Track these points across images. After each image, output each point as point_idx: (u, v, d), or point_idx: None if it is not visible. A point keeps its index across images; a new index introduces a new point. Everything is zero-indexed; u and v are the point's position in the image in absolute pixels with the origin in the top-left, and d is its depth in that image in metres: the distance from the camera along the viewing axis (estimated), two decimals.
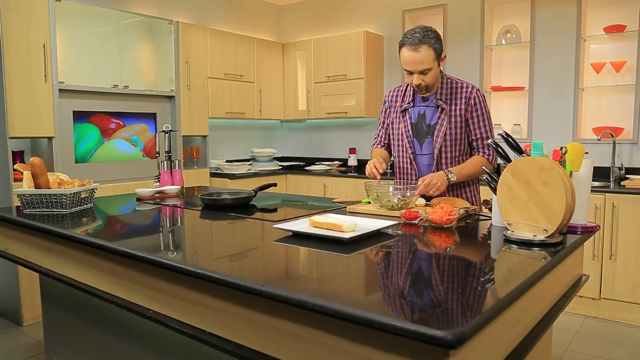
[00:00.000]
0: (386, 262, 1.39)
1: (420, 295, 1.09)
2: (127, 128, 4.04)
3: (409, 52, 2.16)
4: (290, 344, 1.12)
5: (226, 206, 2.27)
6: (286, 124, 5.98)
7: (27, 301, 3.41)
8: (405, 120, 2.38)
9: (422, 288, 1.15)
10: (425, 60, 2.15)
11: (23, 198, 2.21)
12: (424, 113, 2.34)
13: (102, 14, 3.79)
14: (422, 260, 1.43)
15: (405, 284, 1.19)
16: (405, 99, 2.41)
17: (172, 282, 1.40)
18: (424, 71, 2.18)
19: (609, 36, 3.87)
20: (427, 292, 1.12)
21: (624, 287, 3.38)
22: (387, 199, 1.99)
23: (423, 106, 2.35)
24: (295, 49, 5.38)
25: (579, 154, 1.58)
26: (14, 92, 3.28)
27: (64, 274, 1.86)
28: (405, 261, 1.40)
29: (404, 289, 1.14)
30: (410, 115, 2.38)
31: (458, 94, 2.30)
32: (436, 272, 1.29)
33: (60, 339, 2.40)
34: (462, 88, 2.31)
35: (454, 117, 2.29)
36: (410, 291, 1.13)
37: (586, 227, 1.66)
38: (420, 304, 1.04)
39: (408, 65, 2.19)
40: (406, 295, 1.10)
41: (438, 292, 1.12)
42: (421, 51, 2.14)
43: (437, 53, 2.17)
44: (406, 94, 2.41)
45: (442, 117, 2.30)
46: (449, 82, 2.33)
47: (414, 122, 2.37)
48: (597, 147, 3.95)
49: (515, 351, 1.16)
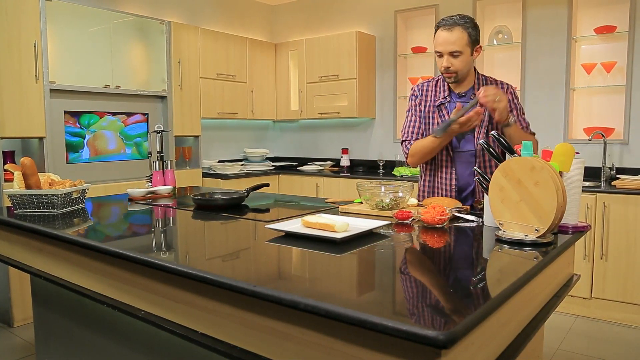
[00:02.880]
0: (378, 262, 1.40)
1: (412, 295, 1.09)
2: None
3: (442, 32, 2.13)
4: (283, 344, 1.12)
5: (218, 206, 2.27)
6: (279, 124, 5.97)
7: (17, 302, 3.38)
8: (443, 115, 2.28)
9: (414, 288, 1.15)
10: (457, 41, 2.10)
11: (14, 198, 2.19)
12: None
13: (93, 13, 3.76)
14: (414, 260, 1.43)
15: (397, 283, 1.19)
16: (438, 94, 2.32)
17: (164, 282, 1.39)
18: (455, 53, 2.12)
19: (599, 37, 3.90)
20: (419, 291, 1.13)
21: (615, 286, 3.41)
22: (380, 199, 2.00)
23: (461, 102, 2.27)
24: (288, 49, 5.38)
25: (568, 155, 1.59)
26: (5, 92, 3.25)
27: (55, 274, 1.85)
28: (397, 261, 1.40)
29: (395, 289, 1.14)
30: (447, 110, 2.28)
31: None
32: (428, 272, 1.29)
33: (51, 340, 2.38)
34: (498, 85, 2.27)
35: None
36: (402, 291, 1.13)
37: (577, 227, 1.67)
38: (412, 304, 1.04)
39: (440, 45, 2.14)
40: (398, 295, 1.10)
41: (430, 291, 1.13)
42: (454, 32, 2.10)
43: (471, 39, 2.13)
44: (438, 88, 2.33)
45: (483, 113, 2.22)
46: (484, 79, 2.29)
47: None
48: (588, 147, 3.98)
49: (507, 350, 1.17)
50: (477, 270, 1.33)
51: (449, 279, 1.23)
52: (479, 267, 1.36)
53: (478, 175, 1.72)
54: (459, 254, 1.50)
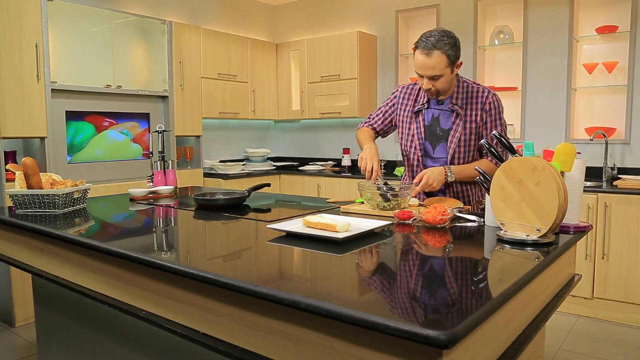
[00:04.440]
0: (379, 262, 1.40)
1: (413, 295, 1.09)
2: (119, 125, 4.03)
3: (421, 55, 2.10)
4: (284, 344, 1.12)
5: (220, 206, 2.27)
6: (280, 124, 5.97)
7: (19, 302, 3.39)
8: (418, 121, 2.31)
9: (415, 288, 1.15)
10: (436, 66, 2.08)
11: (15, 198, 2.19)
12: (438, 116, 2.28)
13: (94, 13, 3.77)
14: (415, 260, 1.43)
15: (398, 284, 1.19)
16: (419, 100, 2.33)
17: (166, 282, 1.39)
18: (435, 77, 2.11)
19: (601, 37, 3.89)
20: (420, 291, 1.13)
21: (617, 286, 3.40)
22: (380, 199, 2.00)
23: (438, 109, 2.28)
24: (289, 49, 5.38)
25: (569, 155, 1.59)
26: (6, 92, 3.26)
27: (56, 274, 1.85)
28: (399, 261, 1.40)
29: (396, 289, 1.14)
30: (423, 117, 2.31)
31: (474, 98, 2.24)
32: (429, 272, 1.29)
33: (53, 339, 2.38)
34: (479, 92, 2.24)
35: (469, 123, 2.23)
36: (403, 291, 1.13)
37: (578, 227, 1.67)
38: (413, 304, 1.04)
39: (419, 69, 2.14)
40: (399, 295, 1.10)
41: (431, 292, 1.12)
42: (433, 57, 2.07)
43: (450, 60, 2.09)
44: (420, 93, 2.34)
45: (457, 122, 2.23)
46: (466, 86, 2.26)
47: (427, 124, 2.30)
48: (589, 147, 3.98)
49: (508, 351, 1.17)
50: (478, 270, 1.33)
51: (450, 279, 1.23)
52: (480, 267, 1.36)
53: (480, 175, 1.72)
54: (460, 254, 1.50)
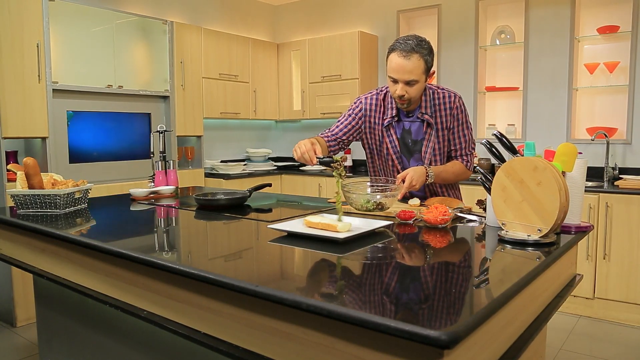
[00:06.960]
0: (380, 262, 1.39)
1: (414, 295, 1.09)
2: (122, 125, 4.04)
3: (398, 58, 2.02)
4: (285, 344, 1.12)
5: (221, 206, 2.27)
6: (281, 124, 5.97)
7: (20, 302, 3.39)
8: (390, 135, 2.25)
9: (416, 288, 1.15)
10: (414, 70, 2.02)
11: (16, 198, 2.20)
12: (409, 128, 2.24)
13: (95, 13, 3.77)
14: (416, 260, 1.43)
15: (399, 284, 1.19)
16: (387, 112, 2.25)
17: (167, 282, 1.39)
18: (410, 82, 2.04)
19: (602, 37, 3.89)
20: (421, 292, 1.13)
21: (618, 286, 3.40)
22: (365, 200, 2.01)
23: (408, 121, 2.24)
24: (290, 49, 5.38)
25: (570, 155, 1.59)
26: (7, 92, 3.26)
27: (57, 274, 1.85)
28: (400, 261, 1.40)
29: (398, 289, 1.14)
30: (395, 130, 2.26)
31: (442, 105, 2.20)
32: (430, 272, 1.29)
33: (54, 339, 2.38)
34: (445, 98, 2.20)
35: (440, 131, 2.21)
36: (404, 291, 1.13)
37: (580, 227, 1.67)
38: (415, 304, 1.04)
39: (395, 72, 2.05)
40: (400, 295, 1.10)
41: (432, 292, 1.12)
42: (412, 60, 2.00)
43: (427, 66, 2.05)
44: (386, 105, 2.25)
45: (428, 131, 2.21)
46: (432, 93, 2.21)
47: (399, 137, 2.26)
48: (590, 147, 3.97)
49: (509, 351, 1.17)
50: (479, 270, 1.33)
51: (451, 279, 1.23)
52: (482, 267, 1.36)
53: (481, 175, 1.72)
54: (462, 254, 1.50)
